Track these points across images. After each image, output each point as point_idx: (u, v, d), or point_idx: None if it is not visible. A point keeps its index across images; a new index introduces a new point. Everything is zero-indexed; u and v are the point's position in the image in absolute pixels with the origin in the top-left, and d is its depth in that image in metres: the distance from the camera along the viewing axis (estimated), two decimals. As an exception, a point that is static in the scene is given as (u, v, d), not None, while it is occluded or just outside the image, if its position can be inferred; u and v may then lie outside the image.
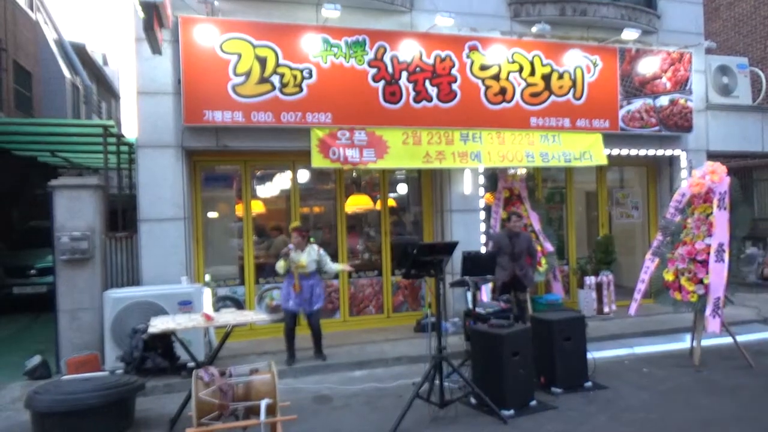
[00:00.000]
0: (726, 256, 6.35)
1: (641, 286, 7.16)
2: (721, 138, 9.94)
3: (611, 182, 10.28)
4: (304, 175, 8.55)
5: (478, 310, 6.19)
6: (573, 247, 9.70)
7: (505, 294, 7.14)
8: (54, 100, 16.05)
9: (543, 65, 8.51)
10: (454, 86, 8.08)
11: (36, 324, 9.73)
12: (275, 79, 7.30)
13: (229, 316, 5.13)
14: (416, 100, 7.90)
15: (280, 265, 6.75)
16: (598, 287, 8.93)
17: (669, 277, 6.78)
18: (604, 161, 8.74)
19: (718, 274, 6.30)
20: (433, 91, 7.98)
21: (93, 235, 6.82)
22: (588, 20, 8.96)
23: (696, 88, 9.54)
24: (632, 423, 4.93)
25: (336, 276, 8.36)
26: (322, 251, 6.93)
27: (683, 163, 9.56)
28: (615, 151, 9.05)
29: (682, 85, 9.32)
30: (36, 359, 6.57)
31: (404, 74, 7.84)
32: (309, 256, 6.78)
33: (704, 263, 6.45)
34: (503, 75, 8.31)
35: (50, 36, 16.98)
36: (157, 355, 4.80)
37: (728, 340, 6.62)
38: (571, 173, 9.72)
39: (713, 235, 6.47)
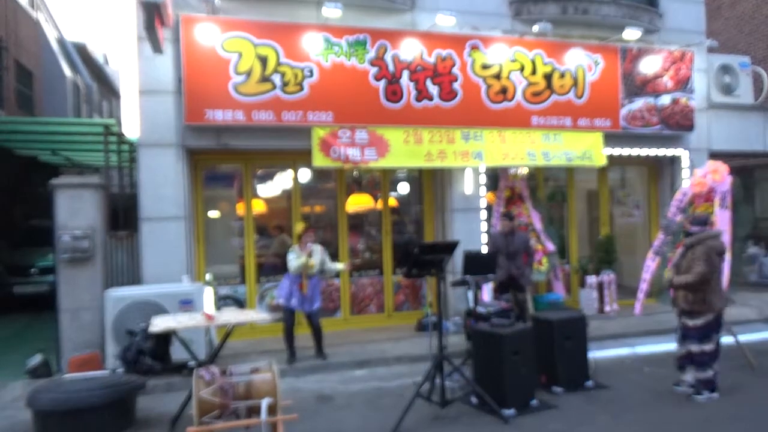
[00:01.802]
0: (727, 256, 6.33)
1: (644, 286, 7.17)
2: (723, 137, 9.92)
3: (613, 181, 10.27)
4: (305, 175, 8.54)
5: (479, 309, 6.19)
6: (574, 246, 9.69)
7: (504, 293, 7.13)
8: (55, 99, 16.05)
9: (544, 64, 8.50)
10: (456, 85, 8.07)
11: (37, 323, 9.73)
12: (276, 78, 7.30)
13: (230, 315, 5.13)
14: (417, 99, 7.89)
15: (300, 263, 6.66)
16: (600, 286, 8.92)
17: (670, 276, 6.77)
18: (603, 161, 8.71)
19: (719, 274, 6.29)
20: (434, 90, 7.97)
21: (94, 234, 6.82)
22: (589, 19, 8.95)
23: (698, 87, 9.53)
24: (633, 423, 4.92)
25: (337, 275, 8.36)
26: (323, 250, 6.96)
27: (685, 162, 9.54)
28: (617, 151, 9.03)
29: (683, 84, 9.31)
30: (37, 358, 6.57)
31: (405, 73, 7.83)
32: (316, 256, 6.80)
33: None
34: (504, 74, 8.30)
35: (51, 35, 16.99)
36: (149, 356, 4.79)
37: (729, 339, 6.60)
38: (573, 172, 9.70)
39: (715, 234, 6.45)
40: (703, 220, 5.57)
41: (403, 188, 9.37)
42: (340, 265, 7.31)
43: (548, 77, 8.52)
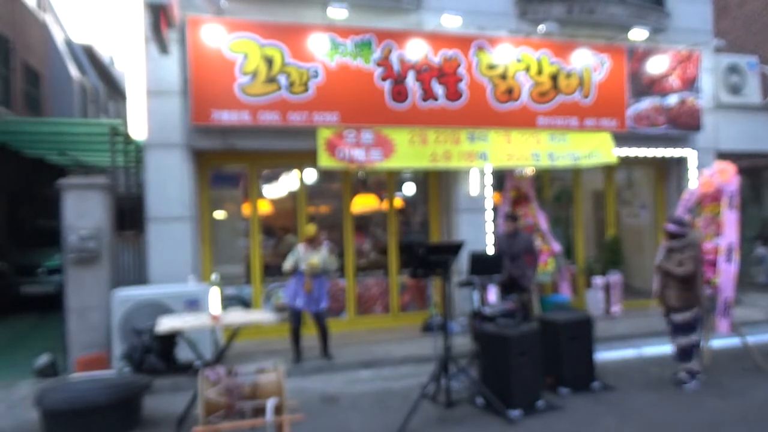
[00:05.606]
0: (735, 256, 6.31)
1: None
2: (731, 137, 9.86)
3: (619, 182, 10.22)
4: (310, 175, 8.55)
5: (485, 310, 6.17)
6: (581, 247, 9.65)
7: (506, 294, 7.11)
8: (62, 100, 16.14)
9: (550, 64, 8.48)
10: (461, 85, 8.06)
11: (44, 323, 9.79)
12: (282, 79, 7.31)
13: (236, 316, 5.14)
14: (423, 100, 7.89)
15: (328, 261, 6.85)
16: (606, 287, 8.87)
17: (678, 277, 6.73)
18: (613, 160, 8.67)
19: (727, 275, 6.26)
20: (439, 90, 7.96)
21: (101, 234, 6.85)
22: (596, 19, 8.90)
23: (705, 87, 9.48)
24: (640, 424, 4.90)
25: (341, 275, 8.36)
26: (327, 248, 6.98)
27: (692, 162, 9.48)
28: (623, 151, 8.99)
29: (691, 84, 9.25)
30: (44, 358, 6.60)
31: (411, 73, 7.83)
32: (320, 255, 6.81)
33: (713, 264, 6.42)
34: (510, 74, 8.28)
35: (59, 37, 17.08)
36: (155, 356, 4.81)
37: (738, 341, 6.56)
38: (579, 173, 9.66)
39: (723, 235, 6.43)
40: (682, 221, 5.96)
41: (409, 189, 9.36)
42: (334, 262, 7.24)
43: (554, 77, 8.50)
